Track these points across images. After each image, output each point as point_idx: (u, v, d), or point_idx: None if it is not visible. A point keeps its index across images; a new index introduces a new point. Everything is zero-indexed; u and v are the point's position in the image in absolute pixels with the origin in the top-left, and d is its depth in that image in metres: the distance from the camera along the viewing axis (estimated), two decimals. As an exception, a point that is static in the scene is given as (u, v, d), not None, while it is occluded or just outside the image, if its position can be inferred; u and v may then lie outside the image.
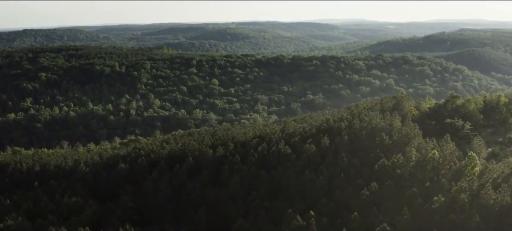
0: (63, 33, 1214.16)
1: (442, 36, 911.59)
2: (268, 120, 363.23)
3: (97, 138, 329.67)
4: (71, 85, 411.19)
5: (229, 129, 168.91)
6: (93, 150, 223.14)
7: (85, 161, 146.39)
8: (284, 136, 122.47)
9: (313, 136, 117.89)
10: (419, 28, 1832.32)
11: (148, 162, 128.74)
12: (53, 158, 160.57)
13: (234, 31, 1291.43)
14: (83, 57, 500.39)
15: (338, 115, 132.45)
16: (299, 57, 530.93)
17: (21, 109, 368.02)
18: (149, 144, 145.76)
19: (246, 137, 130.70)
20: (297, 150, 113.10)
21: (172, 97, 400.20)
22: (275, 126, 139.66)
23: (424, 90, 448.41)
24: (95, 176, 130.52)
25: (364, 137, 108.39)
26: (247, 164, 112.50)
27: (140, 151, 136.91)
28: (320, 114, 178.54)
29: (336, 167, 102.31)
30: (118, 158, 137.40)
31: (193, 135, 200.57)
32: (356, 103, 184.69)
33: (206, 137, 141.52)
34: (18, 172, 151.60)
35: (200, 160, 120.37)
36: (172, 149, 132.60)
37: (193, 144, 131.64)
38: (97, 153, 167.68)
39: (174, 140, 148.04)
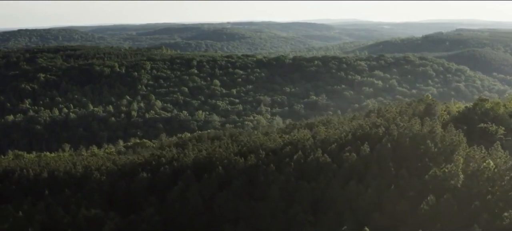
0: (58, 33, 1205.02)
1: (440, 36, 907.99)
2: (272, 121, 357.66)
3: (98, 140, 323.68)
4: (71, 86, 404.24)
5: (252, 134, 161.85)
6: (98, 154, 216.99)
7: (97, 167, 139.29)
8: (318, 143, 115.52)
9: (349, 143, 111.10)
10: (414, 28, 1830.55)
11: (171, 170, 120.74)
12: (60, 163, 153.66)
13: (230, 31, 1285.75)
14: (81, 58, 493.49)
15: (371, 120, 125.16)
16: (301, 57, 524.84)
17: (20, 111, 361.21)
18: (169, 150, 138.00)
19: (276, 143, 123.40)
20: (336, 158, 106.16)
21: (174, 98, 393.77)
22: (305, 132, 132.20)
23: (427, 91, 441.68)
24: (113, 186, 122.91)
25: (408, 144, 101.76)
26: (284, 174, 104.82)
27: (160, 158, 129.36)
28: (344, 117, 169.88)
29: (382, 177, 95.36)
30: (136, 166, 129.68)
31: (203, 139, 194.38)
32: (378, 106, 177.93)
33: (229, 142, 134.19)
34: (25, 179, 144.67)
35: (230, 169, 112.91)
36: (197, 157, 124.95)
37: (219, 151, 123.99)
38: (106, 158, 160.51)
39: (195, 146, 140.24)
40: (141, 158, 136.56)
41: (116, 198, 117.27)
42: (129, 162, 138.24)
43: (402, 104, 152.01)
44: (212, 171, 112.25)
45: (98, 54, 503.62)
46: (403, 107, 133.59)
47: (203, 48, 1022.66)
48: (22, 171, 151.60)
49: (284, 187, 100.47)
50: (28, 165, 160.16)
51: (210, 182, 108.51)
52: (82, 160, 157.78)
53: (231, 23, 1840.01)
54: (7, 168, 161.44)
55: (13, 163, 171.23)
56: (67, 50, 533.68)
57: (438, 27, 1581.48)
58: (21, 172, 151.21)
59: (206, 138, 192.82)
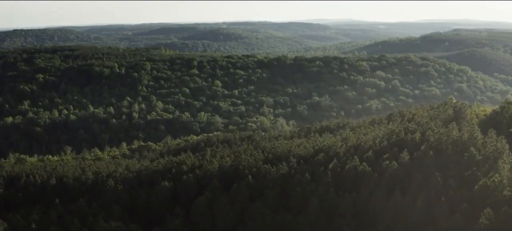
0: (54, 33, 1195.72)
1: (439, 36, 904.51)
2: (275, 122, 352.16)
3: (99, 142, 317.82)
4: (70, 87, 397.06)
5: (273, 138, 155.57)
6: (104, 158, 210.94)
7: (108, 173, 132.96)
8: (352, 150, 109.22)
9: (385, 149, 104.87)
10: (410, 28, 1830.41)
11: (195, 179, 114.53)
12: (68, 169, 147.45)
13: (227, 31, 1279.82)
14: (79, 58, 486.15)
15: (402, 126, 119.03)
16: (302, 57, 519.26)
17: (18, 112, 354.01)
18: (188, 157, 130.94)
19: (306, 150, 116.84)
20: (374, 167, 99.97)
21: (175, 99, 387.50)
22: (332, 138, 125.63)
23: (429, 91, 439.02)
24: (132, 195, 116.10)
25: (450, 152, 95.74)
26: (322, 184, 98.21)
27: (181, 165, 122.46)
28: (363, 121, 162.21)
29: (428, 188, 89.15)
30: (155, 173, 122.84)
31: (214, 142, 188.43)
32: (400, 109, 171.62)
33: (252, 148, 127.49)
34: (32, 186, 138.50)
35: (260, 178, 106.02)
36: (222, 164, 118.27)
37: (246, 159, 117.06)
38: (116, 163, 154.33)
39: (215, 152, 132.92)
40: (158, 165, 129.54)
41: (136, 209, 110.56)
42: (144, 168, 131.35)
43: (425, 108, 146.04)
44: (240, 180, 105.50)
45: (97, 55, 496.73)
46: (427, 111, 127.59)
47: (200, 49, 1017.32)
48: (28, 177, 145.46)
49: (324, 198, 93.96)
50: (33, 170, 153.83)
51: (240, 192, 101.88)
52: (90, 165, 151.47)
53: (226, 23, 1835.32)
54: (12, 173, 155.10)
55: (18, 168, 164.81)
56: (65, 50, 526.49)
57: (434, 27, 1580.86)
58: (27, 178, 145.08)
59: (216, 141, 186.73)
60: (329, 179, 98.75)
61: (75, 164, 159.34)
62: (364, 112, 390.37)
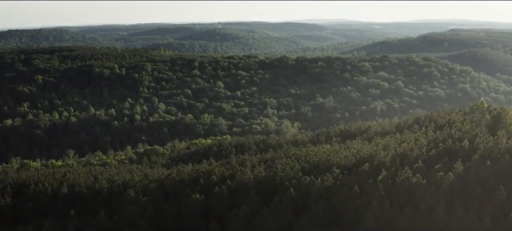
0: (49, 34, 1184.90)
1: (438, 37, 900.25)
2: (280, 124, 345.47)
3: (101, 144, 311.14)
4: (70, 89, 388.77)
5: (289, 142, 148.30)
6: (111, 163, 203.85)
7: (124, 182, 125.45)
8: (397, 159, 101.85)
9: (434, 159, 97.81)
10: (405, 28, 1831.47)
11: (228, 191, 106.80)
12: (79, 175, 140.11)
13: (223, 32, 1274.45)
14: (78, 59, 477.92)
15: (446, 133, 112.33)
16: (304, 58, 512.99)
17: (18, 114, 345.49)
18: (215, 166, 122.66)
19: (348, 159, 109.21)
20: (429, 178, 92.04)
21: (177, 101, 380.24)
22: (375, 146, 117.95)
23: (434, 92, 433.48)
24: (158, 208, 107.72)
25: (507, 161, 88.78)
26: (375, 198, 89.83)
27: (211, 175, 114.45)
28: (388, 124, 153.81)
29: (493, 203, 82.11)
30: (181, 184, 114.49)
31: (224, 146, 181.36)
32: (425, 114, 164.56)
33: (284, 157, 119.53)
34: (42, 195, 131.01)
35: (303, 191, 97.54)
36: (257, 175, 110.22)
37: (282, 169, 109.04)
38: (127, 170, 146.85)
39: (244, 160, 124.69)
40: (181, 174, 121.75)
41: (164, 223, 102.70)
42: (166, 177, 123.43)
43: (456, 112, 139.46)
44: (281, 193, 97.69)
45: (96, 55, 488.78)
46: (463, 116, 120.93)
47: (197, 49, 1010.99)
48: (37, 185, 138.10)
49: (379, 214, 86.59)
50: (41, 177, 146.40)
51: (282, 206, 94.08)
52: (102, 172, 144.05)
53: (222, 23, 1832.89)
54: (19, 180, 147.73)
55: (24, 175, 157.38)
56: (63, 50, 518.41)
57: (430, 27, 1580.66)
58: (36, 186, 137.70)
59: (229, 146, 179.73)
60: (382, 192, 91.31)
61: (85, 170, 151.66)
62: (369, 113, 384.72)
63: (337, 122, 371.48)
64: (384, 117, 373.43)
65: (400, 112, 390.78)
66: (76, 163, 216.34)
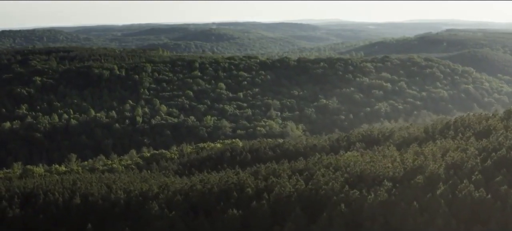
0: (43, 34, 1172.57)
1: (436, 37, 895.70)
2: (285, 127, 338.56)
3: (103, 148, 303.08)
4: (69, 90, 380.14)
5: (306, 147, 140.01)
6: (118, 169, 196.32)
7: (141, 192, 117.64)
8: (451, 170, 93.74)
9: (491, 170, 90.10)
10: (400, 28, 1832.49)
11: (268, 206, 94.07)
12: (92, 185, 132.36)
13: (218, 32, 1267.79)
14: (76, 60, 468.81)
15: (496, 140, 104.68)
16: (305, 59, 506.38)
17: (16, 117, 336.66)
18: (246, 176, 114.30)
19: (395, 170, 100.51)
20: (493, 192, 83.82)
21: (179, 102, 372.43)
22: (417, 154, 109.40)
23: (437, 93, 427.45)
24: (188, 224, 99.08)
25: None
26: (439, 215, 79.73)
27: (246, 188, 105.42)
28: (416, 128, 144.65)
29: None
30: (209, 196, 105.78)
31: (237, 151, 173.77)
32: (456, 117, 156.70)
33: (321, 166, 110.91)
34: (53, 206, 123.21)
35: (354, 206, 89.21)
36: (298, 188, 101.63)
37: (326, 181, 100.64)
38: (140, 178, 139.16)
39: (274, 172, 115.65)
40: (208, 184, 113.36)
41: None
42: (190, 188, 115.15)
43: (489, 117, 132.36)
44: (330, 209, 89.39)
45: (93, 56, 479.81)
46: (496, 121, 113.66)
47: (193, 49, 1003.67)
48: (46, 195, 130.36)
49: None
50: (50, 186, 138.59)
51: (332, 224, 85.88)
52: (115, 180, 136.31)
53: (216, 23, 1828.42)
54: (26, 189, 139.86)
55: (30, 183, 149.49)
56: (60, 51, 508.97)
57: (424, 28, 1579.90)
58: (46, 196, 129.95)
59: (244, 151, 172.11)
60: (445, 208, 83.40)
61: (96, 177, 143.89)
62: (373, 115, 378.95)
63: (342, 124, 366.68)
64: (389, 118, 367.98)
65: (405, 114, 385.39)
66: (81, 168, 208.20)
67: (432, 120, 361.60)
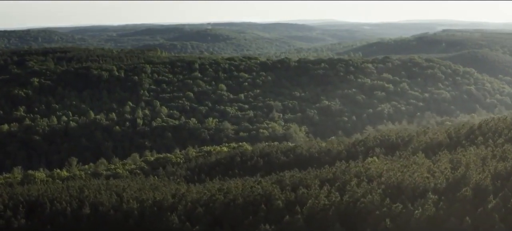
0: (38, 35, 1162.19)
1: (434, 37, 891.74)
2: (288, 129, 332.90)
3: (103, 151, 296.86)
4: (67, 92, 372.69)
5: (319, 152, 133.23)
6: (123, 173, 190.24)
7: (155, 201, 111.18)
8: (498, 181, 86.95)
9: None
10: (395, 28, 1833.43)
11: (303, 221, 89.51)
12: (100, 193, 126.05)
13: (214, 32, 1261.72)
14: (74, 60, 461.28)
15: None
16: (306, 60, 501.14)
17: (14, 119, 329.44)
18: (270, 185, 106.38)
19: (437, 180, 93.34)
20: None
21: (179, 104, 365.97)
22: (452, 162, 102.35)
23: (439, 95, 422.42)
24: None
25: None
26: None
27: (277, 200, 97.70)
28: (451, 130, 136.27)
29: None
30: (235, 208, 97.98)
31: (247, 155, 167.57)
32: (484, 120, 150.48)
33: (351, 176, 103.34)
34: (61, 216, 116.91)
35: (398, 221, 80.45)
36: (333, 201, 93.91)
37: (364, 193, 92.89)
38: (151, 186, 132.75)
39: (302, 181, 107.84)
40: (231, 195, 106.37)
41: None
42: (210, 199, 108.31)
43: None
44: (373, 225, 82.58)
45: (91, 57, 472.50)
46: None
47: (189, 50, 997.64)
48: (53, 204, 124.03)
49: None
50: (56, 194, 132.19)
51: None
52: (124, 188, 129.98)
53: (211, 24, 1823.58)
54: (31, 197, 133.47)
55: (34, 190, 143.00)
56: (57, 52, 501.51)
57: (420, 28, 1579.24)
58: (52, 205, 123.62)
59: (255, 156, 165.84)
60: (500, 224, 76.91)
61: (103, 184, 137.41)
62: (376, 117, 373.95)
63: (345, 126, 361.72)
64: (393, 120, 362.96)
65: (408, 115, 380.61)
66: (83, 173, 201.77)
67: (436, 121, 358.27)
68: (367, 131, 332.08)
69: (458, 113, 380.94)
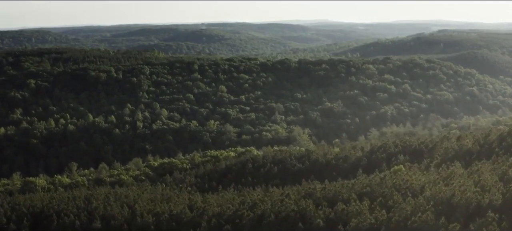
0: (31, 35, 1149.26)
1: (431, 37, 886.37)
2: (291, 131, 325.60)
3: (103, 155, 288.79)
4: (65, 94, 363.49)
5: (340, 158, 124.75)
6: (127, 180, 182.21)
7: (172, 214, 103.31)
8: None
9: None
10: (389, 28, 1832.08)
11: None
12: (110, 205, 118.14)
13: (210, 33, 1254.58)
14: (70, 61, 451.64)
15: None
16: (306, 60, 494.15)
17: (10, 122, 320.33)
18: (301, 198, 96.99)
19: (492, 196, 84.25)
20: None
21: (180, 106, 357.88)
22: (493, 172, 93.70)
23: (442, 96, 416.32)
24: None
25: None
26: None
27: (309, 215, 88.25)
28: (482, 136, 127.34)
29: None
30: (268, 226, 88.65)
31: (258, 161, 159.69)
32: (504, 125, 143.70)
33: (392, 190, 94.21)
34: (70, 230, 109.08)
35: None
36: (379, 218, 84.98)
37: (412, 210, 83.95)
38: (162, 196, 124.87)
39: (341, 195, 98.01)
40: (257, 209, 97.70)
41: None
42: (235, 213, 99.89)
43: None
44: None
45: (88, 58, 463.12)
46: None
47: (185, 50, 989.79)
48: (60, 216, 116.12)
49: None
50: (62, 205, 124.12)
51: None
52: (135, 200, 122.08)
53: (205, 24, 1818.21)
54: (35, 209, 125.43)
55: (37, 200, 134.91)
56: (52, 53, 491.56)
57: (414, 28, 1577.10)
58: (59, 217, 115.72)
59: (269, 162, 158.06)
60: None
61: (111, 195, 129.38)
62: (380, 119, 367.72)
63: (348, 128, 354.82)
64: (396, 122, 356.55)
65: (411, 117, 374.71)
66: (86, 179, 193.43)
67: (442, 124, 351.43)
68: (371, 133, 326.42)
69: (462, 115, 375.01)
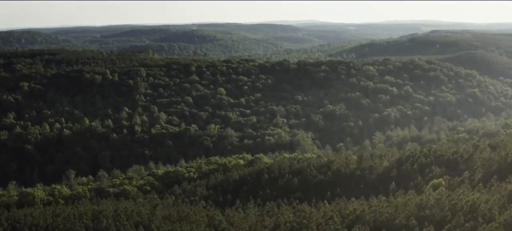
0: (21, 36, 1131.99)
1: (426, 38, 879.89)
2: (295, 135, 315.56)
3: (100, 161, 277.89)
4: (59, 97, 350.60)
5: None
6: (131, 190, 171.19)
7: None
8: None
9: None
10: (380, 29, 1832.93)
11: None
12: (122, 225, 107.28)
13: (201, 33, 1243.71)
14: (63, 63, 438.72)
15: None
16: (305, 62, 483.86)
17: (3, 127, 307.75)
18: (346, 221, 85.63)
19: None
20: None
21: (178, 109, 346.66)
22: None
23: (444, 98, 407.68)
24: None
25: None
26: None
27: None
28: None
29: None
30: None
31: (274, 170, 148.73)
32: None
33: (439, 207, 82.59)
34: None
35: None
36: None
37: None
38: (176, 212, 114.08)
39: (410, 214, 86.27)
40: (286, 227, 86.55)
41: None
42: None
43: None
44: None
45: (82, 59, 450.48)
46: None
47: (177, 51, 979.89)
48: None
49: None
50: (67, 224, 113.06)
51: None
52: (148, 216, 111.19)
53: (196, 24, 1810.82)
54: (39, 228, 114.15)
55: (40, 216, 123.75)
56: (45, 54, 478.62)
57: (405, 28, 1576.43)
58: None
59: (287, 173, 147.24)
60: None
61: (122, 211, 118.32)
62: (383, 121, 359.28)
63: (351, 131, 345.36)
64: (401, 125, 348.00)
65: (414, 120, 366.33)
66: (87, 189, 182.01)
67: (448, 127, 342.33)
68: (376, 137, 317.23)
69: (466, 118, 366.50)
